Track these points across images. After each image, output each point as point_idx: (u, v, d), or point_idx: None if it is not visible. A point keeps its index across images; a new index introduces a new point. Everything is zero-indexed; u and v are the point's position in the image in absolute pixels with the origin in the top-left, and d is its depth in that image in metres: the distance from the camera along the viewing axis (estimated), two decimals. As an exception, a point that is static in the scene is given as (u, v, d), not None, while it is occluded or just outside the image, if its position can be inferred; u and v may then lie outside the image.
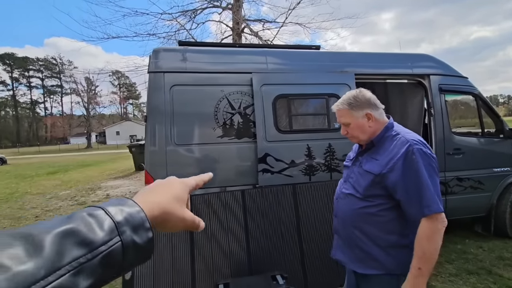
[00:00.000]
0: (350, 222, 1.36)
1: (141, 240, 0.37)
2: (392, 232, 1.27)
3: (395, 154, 1.24)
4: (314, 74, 3.13)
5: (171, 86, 2.82)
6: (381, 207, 1.28)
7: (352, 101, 1.34)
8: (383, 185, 1.25)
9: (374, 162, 1.30)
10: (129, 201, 0.40)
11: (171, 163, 2.78)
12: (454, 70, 3.63)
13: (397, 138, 1.29)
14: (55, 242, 0.30)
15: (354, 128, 1.35)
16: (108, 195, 7.53)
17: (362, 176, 1.33)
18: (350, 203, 1.36)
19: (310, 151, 2.99)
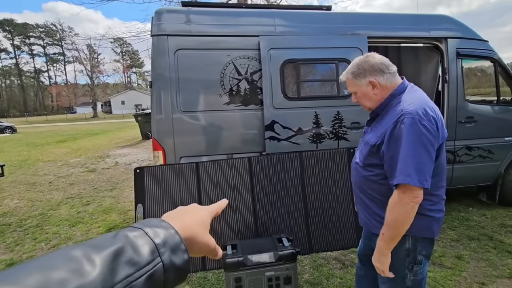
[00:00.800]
0: (359, 188, 1.43)
1: (179, 261, 0.38)
2: None
3: (388, 124, 1.22)
4: (324, 37, 2.97)
5: (176, 50, 2.73)
6: (380, 176, 1.30)
7: (355, 69, 1.32)
8: (379, 155, 1.27)
9: (373, 133, 1.32)
10: (164, 223, 0.41)
11: (178, 130, 2.77)
12: (474, 32, 3.40)
13: (397, 107, 1.24)
14: (107, 261, 0.31)
15: (361, 97, 1.35)
16: (117, 163, 7.71)
17: (364, 146, 1.38)
18: (357, 171, 1.42)
19: (318, 118, 2.94)
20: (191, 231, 0.45)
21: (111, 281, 0.30)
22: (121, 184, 5.61)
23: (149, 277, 0.34)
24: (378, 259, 1.25)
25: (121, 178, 6.10)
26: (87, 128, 21.41)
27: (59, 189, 5.44)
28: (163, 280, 0.36)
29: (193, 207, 0.51)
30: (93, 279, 0.28)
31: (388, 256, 1.23)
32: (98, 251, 0.31)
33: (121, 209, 4.24)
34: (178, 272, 0.38)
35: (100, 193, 5.10)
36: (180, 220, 0.45)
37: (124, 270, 0.32)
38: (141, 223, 0.39)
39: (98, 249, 0.32)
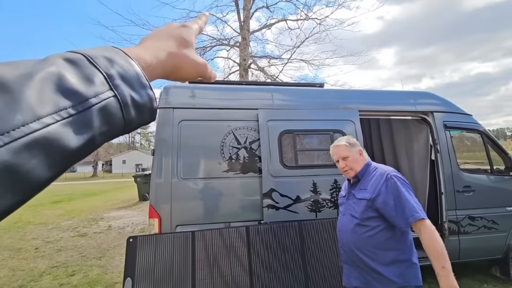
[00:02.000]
0: (355, 247, 1.60)
1: (141, 98, 0.32)
2: (390, 249, 1.52)
3: (378, 182, 1.57)
4: (318, 110, 3.20)
5: (180, 121, 2.91)
6: (377, 229, 1.54)
7: (349, 141, 1.75)
8: (375, 208, 1.54)
9: (364, 191, 1.62)
10: (120, 52, 0.33)
11: (176, 196, 2.77)
12: (457, 107, 3.68)
13: (376, 171, 1.65)
14: (32, 87, 0.24)
15: (352, 161, 1.69)
16: (110, 226, 7.40)
17: (356, 204, 1.63)
18: (352, 231, 1.62)
19: (316, 187, 2.96)
20: (169, 50, 0.38)
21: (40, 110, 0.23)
22: (111, 251, 5.29)
23: (100, 111, 0.28)
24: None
25: (113, 244, 5.79)
26: (85, 188, 21.16)
27: (45, 256, 5.11)
28: (122, 116, 0.30)
29: (168, 26, 0.43)
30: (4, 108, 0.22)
31: None
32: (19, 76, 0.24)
33: (108, 281, 3.92)
34: (141, 109, 0.32)
35: (88, 261, 4.77)
36: (153, 41, 0.38)
37: (60, 100, 0.25)
38: (91, 50, 0.31)
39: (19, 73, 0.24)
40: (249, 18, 8.77)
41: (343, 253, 1.71)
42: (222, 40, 9.05)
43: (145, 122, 0.34)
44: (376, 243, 1.53)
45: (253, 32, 9.33)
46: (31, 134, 0.22)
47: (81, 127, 0.26)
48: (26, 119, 0.22)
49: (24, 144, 0.22)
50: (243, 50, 8.53)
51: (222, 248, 2.64)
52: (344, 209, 1.76)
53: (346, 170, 1.71)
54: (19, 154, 0.22)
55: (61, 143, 0.24)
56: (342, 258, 1.74)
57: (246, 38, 8.54)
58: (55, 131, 0.24)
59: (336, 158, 1.76)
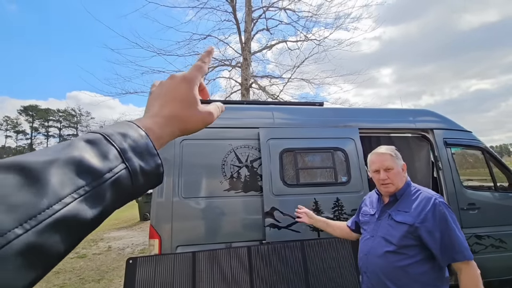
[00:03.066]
0: (384, 276, 1.41)
1: (148, 166, 0.36)
2: (425, 284, 1.34)
3: (424, 207, 1.39)
4: (319, 129, 3.24)
5: (182, 140, 2.94)
6: (414, 258, 1.36)
7: (395, 152, 1.59)
8: (416, 235, 1.36)
9: (405, 214, 1.43)
10: (133, 125, 0.37)
11: (177, 216, 2.75)
12: (457, 124, 3.70)
13: (419, 193, 1.48)
14: (56, 173, 0.28)
15: (395, 174, 1.51)
16: (109, 247, 7.27)
17: (394, 228, 1.44)
18: (383, 257, 1.43)
19: (318, 205, 2.94)
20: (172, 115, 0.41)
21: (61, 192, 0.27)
22: (110, 273, 5.17)
23: (112, 184, 0.31)
24: None
25: (112, 265, 5.66)
26: (86, 207, 20.95)
27: (42, 279, 4.98)
28: (131, 184, 0.34)
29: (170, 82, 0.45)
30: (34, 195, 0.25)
31: None
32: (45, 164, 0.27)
33: (106, 305, 3.80)
34: (148, 176, 0.36)
35: (86, 284, 4.66)
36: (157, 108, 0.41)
37: (78, 180, 0.28)
38: (107, 127, 0.36)
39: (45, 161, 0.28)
40: (250, 40, 9.05)
41: (366, 280, 1.53)
42: (224, 61, 9.30)
43: (152, 186, 0.38)
44: (411, 274, 1.36)
45: (254, 53, 9.60)
46: (53, 215, 0.26)
47: (96, 201, 0.30)
48: (51, 202, 0.26)
49: (47, 225, 0.25)
50: (245, 70, 8.75)
51: (223, 269, 2.58)
52: (373, 230, 1.55)
53: (387, 183, 1.50)
54: (43, 234, 0.25)
55: (78, 218, 0.28)
56: (364, 286, 1.56)
57: (247, 58, 8.78)
58: (73, 208, 0.27)
59: (376, 167, 1.54)
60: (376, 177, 1.56)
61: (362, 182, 3.08)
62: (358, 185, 3.07)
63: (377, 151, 1.60)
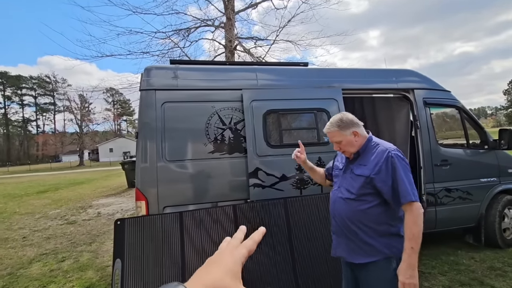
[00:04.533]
0: (348, 219, 1.64)
1: None
2: (382, 223, 1.57)
3: (379, 159, 1.56)
4: (302, 89, 3.22)
5: (163, 103, 2.87)
6: (371, 203, 1.58)
7: (340, 123, 1.67)
8: (372, 184, 1.56)
9: (363, 168, 1.62)
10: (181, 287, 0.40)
11: (162, 179, 2.78)
12: (437, 84, 3.77)
13: (377, 148, 1.63)
14: None
15: (345, 144, 1.68)
16: (99, 213, 7.38)
17: (354, 180, 1.64)
18: (346, 204, 1.65)
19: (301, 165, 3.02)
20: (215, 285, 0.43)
21: None
22: (101, 236, 5.32)
23: None
24: (411, 275, 1.41)
25: (102, 230, 5.80)
26: (71, 177, 20.79)
27: (33, 245, 5.08)
28: None
29: (219, 256, 0.48)
30: None
31: (417, 269, 1.43)
32: None
33: (99, 265, 3.96)
34: None
35: (78, 247, 4.79)
36: (204, 275, 0.44)
37: None
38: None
39: None
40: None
41: (335, 224, 1.75)
42: (207, 21, 8.78)
43: None
44: (370, 217, 1.57)
45: (239, 11, 9.07)
46: None
47: None
48: None
49: None
50: (229, 31, 8.32)
51: (210, 227, 2.70)
52: (340, 182, 1.76)
53: (342, 151, 1.73)
54: None
55: None
56: (333, 228, 1.78)
57: (231, 18, 8.31)
58: None
59: (330, 141, 1.76)
60: None
61: (344, 142, 3.17)
62: (340, 145, 3.15)
63: (326, 129, 1.74)
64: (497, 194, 3.64)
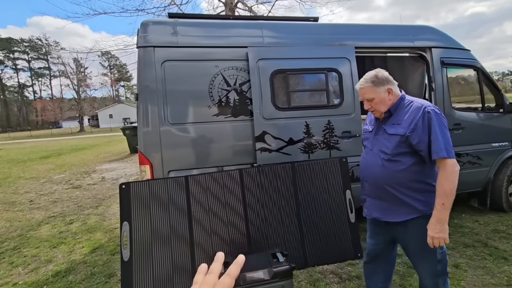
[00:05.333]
0: (384, 182, 1.59)
1: None
2: (420, 181, 1.54)
3: (414, 116, 1.50)
4: (312, 47, 2.98)
5: (163, 61, 2.67)
6: (408, 163, 1.52)
7: (375, 79, 1.57)
8: (408, 143, 1.50)
9: (397, 127, 1.55)
10: None
11: (166, 143, 2.68)
12: (457, 42, 3.50)
13: (411, 105, 1.56)
14: None
15: (378, 102, 1.59)
16: (103, 178, 7.46)
17: (388, 140, 1.58)
18: (381, 166, 1.59)
19: (309, 128, 2.91)
20: None
21: None
22: (107, 200, 5.40)
23: None
24: (441, 229, 1.42)
25: (108, 194, 5.88)
26: (73, 143, 20.86)
27: (41, 208, 5.17)
28: None
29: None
30: None
31: (447, 224, 1.44)
32: None
33: (107, 227, 4.04)
34: None
35: (85, 210, 4.87)
36: None
37: None
38: None
39: None
40: None
41: (368, 187, 1.73)
42: (204, -26, 8.06)
43: None
44: (407, 176, 1.54)
45: (239, -37, 8.29)
46: None
47: None
48: None
49: None
50: (228, -15, 7.69)
51: (216, 191, 2.66)
52: (371, 145, 1.70)
53: (373, 111, 1.64)
54: None
55: None
56: (366, 192, 1.77)
57: (230, -30, 7.62)
58: None
59: (360, 99, 1.67)
60: None
61: (354, 105, 3.01)
62: (350, 108, 3.01)
63: (359, 85, 1.65)
64: (507, 159, 3.57)
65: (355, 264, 2.78)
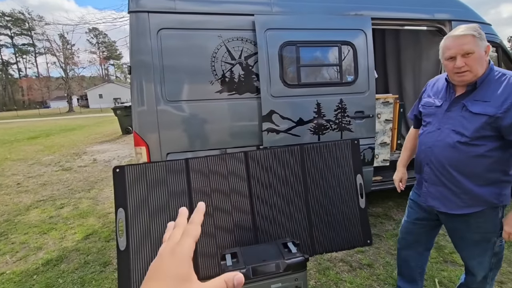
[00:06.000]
0: (452, 167, 1.36)
1: None
2: (496, 170, 1.31)
3: (510, 93, 1.22)
4: (325, 16, 2.69)
5: (158, 30, 2.35)
6: (488, 147, 1.28)
7: (478, 31, 1.26)
8: (496, 125, 1.24)
9: (484, 104, 1.26)
10: None
11: (164, 123, 2.43)
12: (478, 15, 3.24)
13: (505, 78, 1.26)
14: None
15: (476, 59, 1.26)
16: (95, 160, 7.16)
17: (468, 119, 1.30)
18: (454, 149, 1.35)
19: (320, 107, 2.67)
20: None
21: None
22: (100, 183, 5.15)
23: None
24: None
25: (100, 176, 5.62)
26: (62, 123, 20.18)
27: (29, 191, 4.90)
28: None
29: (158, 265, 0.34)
30: None
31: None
32: None
33: (100, 212, 3.83)
34: None
35: (76, 194, 4.63)
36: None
37: None
38: None
39: None
40: None
41: (429, 171, 1.47)
42: None
43: None
44: (483, 163, 1.30)
45: None
46: None
47: None
48: None
49: None
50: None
51: (219, 176, 2.45)
52: (439, 122, 1.41)
53: (464, 71, 1.27)
54: None
55: None
56: (425, 176, 1.50)
57: None
58: None
59: (452, 53, 1.27)
60: (450, 65, 1.30)
61: (369, 83, 2.78)
62: (364, 86, 2.77)
63: (453, 34, 1.29)
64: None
65: (365, 252, 2.66)
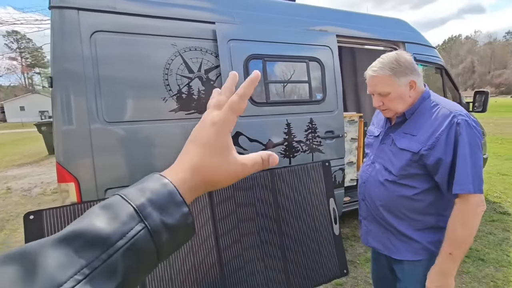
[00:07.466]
0: (383, 207, 1.23)
1: (173, 219, 0.30)
2: (431, 214, 1.17)
3: (437, 127, 1.07)
4: (291, 30, 2.50)
5: (92, 32, 1.84)
6: (418, 189, 1.14)
7: (395, 65, 1.10)
8: (422, 163, 1.10)
9: (411, 139, 1.13)
10: (155, 175, 0.33)
11: (101, 147, 1.89)
12: (425, 39, 3.45)
13: (436, 110, 1.11)
14: (54, 254, 0.24)
15: (393, 99, 1.14)
16: (9, 188, 5.81)
17: (395, 155, 1.17)
18: (382, 187, 1.21)
19: (290, 127, 2.43)
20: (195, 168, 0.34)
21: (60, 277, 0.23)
22: (13, 222, 4.07)
23: (127, 251, 0.27)
24: (442, 284, 1.08)
25: (15, 211, 4.49)
26: (-33, 141, 16.60)
27: None
28: (155, 246, 0.29)
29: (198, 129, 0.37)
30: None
31: (453, 278, 1.08)
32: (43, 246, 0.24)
33: (11, 263, 2.93)
34: (175, 230, 0.30)
35: (-23, 238, 3.55)
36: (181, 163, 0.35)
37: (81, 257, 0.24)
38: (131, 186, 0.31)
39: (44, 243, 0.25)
40: None
41: (364, 207, 1.34)
42: None
43: (182, 241, 0.33)
44: (415, 206, 1.16)
45: None
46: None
47: (107, 276, 0.25)
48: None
49: None
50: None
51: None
52: (374, 156, 1.28)
53: (384, 109, 1.19)
54: None
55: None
56: (362, 213, 1.38)
57: None
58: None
59: (369, 91, 1.19)
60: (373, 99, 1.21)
61: (337, 101, 2.65)
62: (333, 104, 2.63)
63: (368, 70, 1.18)
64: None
65: (343, 284, 2.43)
